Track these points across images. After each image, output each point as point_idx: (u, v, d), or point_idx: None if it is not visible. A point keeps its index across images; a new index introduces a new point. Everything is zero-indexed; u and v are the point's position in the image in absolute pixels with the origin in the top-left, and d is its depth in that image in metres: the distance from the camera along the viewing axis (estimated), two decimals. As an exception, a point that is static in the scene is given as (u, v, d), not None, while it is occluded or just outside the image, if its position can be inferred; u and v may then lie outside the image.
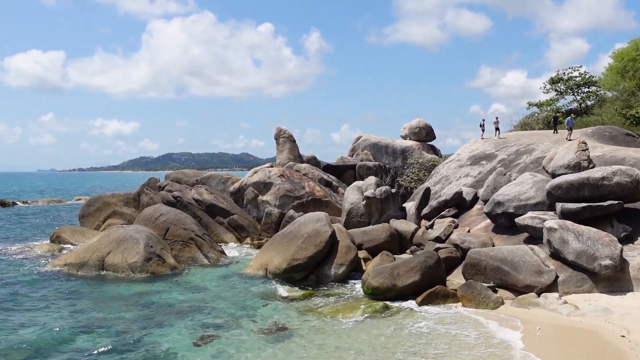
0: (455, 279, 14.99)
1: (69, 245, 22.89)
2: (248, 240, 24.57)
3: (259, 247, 22.30)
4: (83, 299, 14.47)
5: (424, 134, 35.26)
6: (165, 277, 16.96)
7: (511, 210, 16.44)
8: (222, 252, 20.73)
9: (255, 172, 28.61)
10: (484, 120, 28.66)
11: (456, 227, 18.51)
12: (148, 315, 12.90)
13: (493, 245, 15.84)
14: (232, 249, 22.73)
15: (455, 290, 13.86)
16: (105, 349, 10.49)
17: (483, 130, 28.41)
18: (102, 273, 17.26)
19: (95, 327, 11.95)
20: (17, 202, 52.79)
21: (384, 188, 21.08)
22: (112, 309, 13.47)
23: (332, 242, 16.67)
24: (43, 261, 19.70)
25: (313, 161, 31.83)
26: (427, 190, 21.74)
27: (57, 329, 11.70)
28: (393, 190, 21.51)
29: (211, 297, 14.70)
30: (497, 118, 29.07)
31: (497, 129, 28.12)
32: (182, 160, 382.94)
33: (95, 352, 10.34)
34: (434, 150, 34.99)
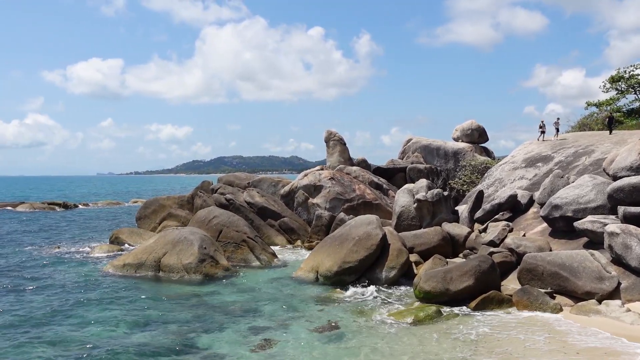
0: (510, 284, 14.60)
1: (127, 246, 23.73)
2: (299, 242, 24.76)
3: (309, 249, 22.43)
4: (140, 299, 14.95)
5: (477, 136, 34.54)
6: (218, 278, 17.30)
7: (569, 214, 15.87)
8: (274, 254, 20.97)
9: (306, 175, 28.79)
10: (543, 121, 27.42)
11: (510, 231, 18.02)
12: (203, 315, 13.19)
13: (550, 250, 15.33)
14: (283, 251, 22.97)
15: (511, 295, 13.51)
16: (163, 347, 10.79)
17: (543, 132, 27.20)
18: (158, 274, 17.78)
19: (152, 326, 12.32)
20: (79, 205, 55.18)
21: (435, 191, 20.79)
22: (168, 308, 13.85)
23: (383, 245, 16.57)
24: (103, 261, 20.50)
25: (363, 164, 31.74)
26: (480, 193, 21.28)
27: (116, 327, 12.17)
28: (445, 193, 21.17)
29: (264, 298, 14.90)
30: (558, 119, 27.76)
31: (557, 129, 27.09)
32: (233, 164, 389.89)
33: (153, 350, 10.65)
34: (486, 152, 34.23)
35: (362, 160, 32.26)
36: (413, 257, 17.47)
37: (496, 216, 19.52)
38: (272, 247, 22.38)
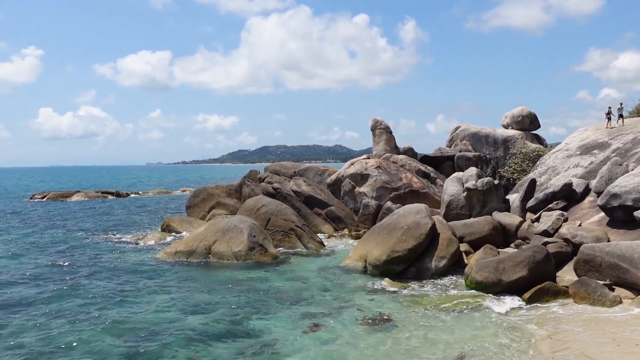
0: (566, 276, 14.17)
1: (177, 234, 24.31)
2: (345, 231, 24.75)
3: (356, 238, 22.41)
4: (193, 285, 15.31)
5: (528, 123, 33.56)
6: (267, 266, 17.52)
7: (629, 203, 15.24)
8: (321, 243, 21.05)
9: (352, 164, 28.69)
10: (610, 107, 25.98)
11: (565, 220, 17.48)
12: (253, 301, 13.40)
13: (608, 241, 14.78)
14: (330, 240, 23.02)
15: (567, 287, 13.09)
16: (216, 331, 11.04)
17: (609, 119, 25.94)
18: (209, 261, 18.14)
19: (204, 310, 12.59)
20: (130, 193, 56.91)
21: (486, 179, 20.35)
22: (219, 294, 14.13)
23: (433, 235, 16.35)
24: (156, 248, 21.08)
25: (410, 152, 31.38)
26: (533, 181, 20.70)
27: (170, 311, 12.51)
28: (495, 182, 20.70)
29: (313, 286, 15.00)
30: (621, 104, 26.38)
31: (620, 115, 25.88)
32: (277, 153, 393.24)
33: (208, 334, 10.89)
34: (538, 139, 33.23)
35: (409, 148, 31.88)
36: (463, 247, 17.19)
37: (550, 205, 18.96)
38: (319, 235, 22.46)
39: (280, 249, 19.69)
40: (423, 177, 28.41)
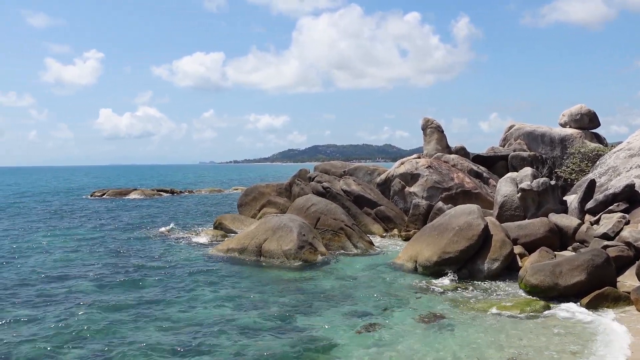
0: (627, 281, 13.53)
1: (229, 231, 24.76)
2: (395, 231, 24.55)
3: (406, 238, 22.19)
4: (243, 282, 15.57)
5: (587, 121, 32.25)
6: (316, 265, 17.60)
7: (698, 206, 14.42)
8: (371, 243, 20.97)
9: (402, 164, 28.42)
10: None
11: (627, 223, 16.70)
12: (304, 299, 13.50)
13: (674, 245, 14.04)
14: (380, 240, 22.90)
15: (628, 292, 12.53)
16: (267, 328, 11.19)
17: None
18: (259, 259, 18.39)
19: (255, 307, 12.78)
20: (184, 191, 58.43)
21: (542, 180, 19.73)
22: (270, 291, 14.31)
23: (485, 236, 16.00)
24: (208, 245, 21.57)
25: (462, 152, 30.77)
26: (592, 182, 19.91)
27: (221, 308, 12.75)
28: (552, 182, 20.03)
29: (363, 285, 14.98)
30: None
31: None
32: (327, 152, 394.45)
33: (258, 331, 11.05)
34: (598, 138, 31.89)
35: (461, 147, 31.27)
36: (517, 249, 16.73)
37: (610, 207, 18.16)
38: (368, 235, 22.37)
39: (329, 248, 19.73)
40: (475, 177, 27.82)
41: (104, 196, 51.82)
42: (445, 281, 15.09)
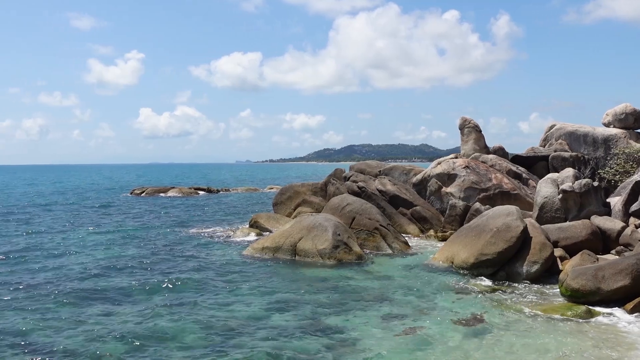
0: (675, 287, 13.02)
1: (264, 230, 24.94)
2: (431, 232, 24.27)
3: (442, 239, 21.91)
4: (278, 281, 15.64)
5: (632, 121, 31.14)
6: (351, 265, 17.54)
7: None
8: (406, 243, 20.78)
9: (439, 164, 28.06)
10: None
11: (675, 226, 16.09)
12: (339, 299, 13.47)
13: None
14: (416, 240, 22.68)
15: (676, 299, 12.05)
16: (301, 328, 11.20)
17: None
18: (294, 258, 18.45)
19: (290, 307, 12.80)
20: (220, 190, 59.18)
21: (584, 181, 19.18)
22: (303, 291, 14.33)
23: (525, 238, 15.65)
24: (243, 244, 21.77)
25: (500, 152, 30.18)
26: (637, 184, 19.21)
27: (255, 306, 12.82)
28: (595, 184, 19.45)
29: (398, 286, 14.84)
30: None
31: None
32: (363, 152, 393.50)
33: (292, 330, 11.08)
34: (643, 139, 30.78)
35: (499, 148, 30.66)
36: (557, 252, 16.32)
37: (656, 210, 17.51)
38: (404, 235, 22.19)
39: (364, 248, 19.65)
40: (514, 178, 27.26)
41: (143, 194, 52.97)
42: (482, 283, 14.84)
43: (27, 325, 11.28)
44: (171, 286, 14.81)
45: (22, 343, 10.35)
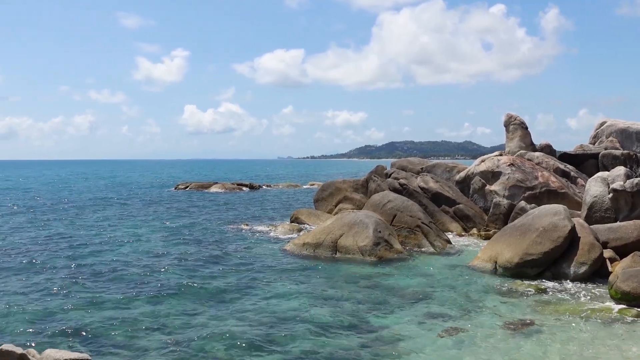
0: None
1: (305, 226, 25.08)
2: (474, 230, 23.86)
3: (486, 238, 21.52)
4: (318, 277, 15.70)
5: (689, 118, 29.73)
6: (392, 262, 17.43)
7: None
8: (448, 241, 20.50)
9: (483, 161, 27.53)
10: None
11: None
12: (379, 297, 13.40)
13: None
14: (458, 239, 22.34)
15: None
16: (341, 325, 11.20)
17: None
18: (335, 254, 18.46)
19: (330, 303, 12.84)
20: (262, 186, 59.82)
21: (636, 180, 18.43)
22: (344, 288, 14.33)
23: (572, 238, 15.18)
24: (285, 239, 21.94)
25: (547, 149, 29.34)
26: (694, 183, 18.34)
27: (296, 302, 12.92)
28: (648, 183, 18.65)
29: (440, 285, 14.66)
30: None
31: None
32: (404, 149, 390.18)
33: (332, 326, 11.09)
34: (701, 136, 29.35)
35: (546, 145, 29.82)
36: (607, 253, 15.74)
37: None
38: (446, 234, 21.89)
39: (405, 245, 19.49)
40: (562, 176, 26.47)
41: (187, 189, 54.09)
42: (527, 284, 14.45)
43: (74, 309, 11.71)
44: (212, 281, 15.07)
45: (71, 329, 10.74)
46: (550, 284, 14.53)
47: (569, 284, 14.40)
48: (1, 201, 41.85)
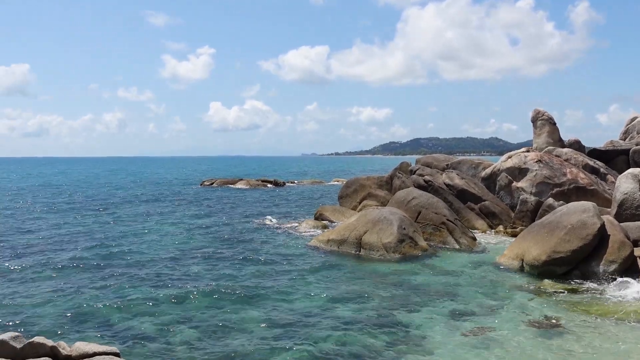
0: None
1: (330, 223, 25.10)
2: (500, 227, 23.57)
3: (512, 235, 21.24)
4: (342, 273, 15.70)
5: None
6: (416, 259, 17.33)
7: None
8: (474, 239, 20.29)
9: (510, 157, 27.15)
10: None
11: None
12: (403, 294, 13.35)
13: None
14: (484, 236, 22.10)
15: None
16: (366, 322, 11.17)
17: None
18: (359, 251, 18.44)
19: (354, 300, 12.82)
20: (287, 182, 60.04)
21: (669, 177, 17.97)
22: (368, 284, 14.31)
23: (602, 236, 14.87)
24: (309, 236, 22.00)
25: (576, 145, 28.78)
26: None
27: (320, 298, 12.94)
28: (681, 180, 18.17)
29: (465, 283, 14.52)
30: None
31: None
32: (429, 145, 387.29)
33: (357, 323, 11.08)
34: None
35: (575, 141, 29.25)
36: (638, 252, 15.37)
37: None
38: (471, 231, 21.67)
39: (430, 242, 19.36)
40: (591, 173, 25.94)
41: (212, 185, 54.62)
42: (555, 282, 14.23)
43: (104, 303, 11.95)
44: (238, 276, 15.21)
45: (100, 322, 10.96)
46: (578, 282, 14.27)
47: (597, 283, 14.13)
48: (34, 198, 42.89)
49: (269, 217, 28.44)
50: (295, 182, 62.41)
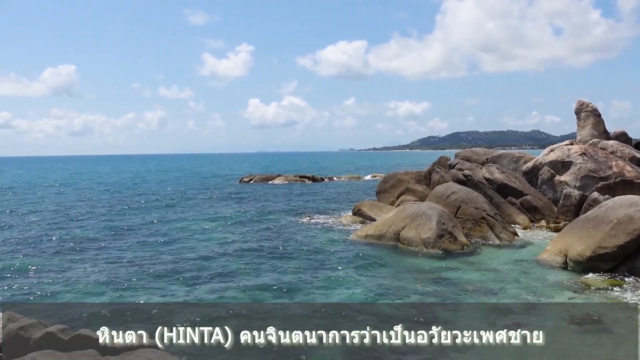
0: None
1: (368, 218, 25.05)
2: (542, 222, 23.06)
3: (555, 230, 20.75)
4: (381, 268, 15.70)
5: None
6: (456, 255, 17.15)
7: None
8: (515, 234, 19.93)
9: (552, 151, 26.48)
10: None
11: None
12: (442, 290, 13.25)
13: None
14: (525, 231, 21.66)
15: None
16: (405, 317, 11.15)
17: None
18: (397, 245, 18.38)
19: (392, 295, 12.83)
20: (325, 178, 60.19)
21: None
22: (407, 280, 14.26)
23: (650, 231, 14.38)
24: (347, 231, 22.04)
25: (623, 137, 27.83)
26: None
27: (359, 292, 13.00)
28: None
29: (506, 279, 14.28)
30: None
31: None
32: (468, 139, 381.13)
33: (396, 319, 11.04)
34: None
35: (621, 133, 28.28)
36: (689, 247, 14.84)
37: None
38: (512, 226, 21.28)
39: (470, 238, 19.11)
40: (638, 166, 25.07)
41: (251, 182, 55.25)
42: (600, 278, 13.85)
43: (147, 296, 12.30)
44: (277, 270, 15.39)
45: (142, 317, 11.26)
46: (624, 279, 13.84)
47: (646, 280, 13.68)
48: (81, 194, 44.35)
49: (308, 212, 28.60)
50: (333, 177, 62.50)
